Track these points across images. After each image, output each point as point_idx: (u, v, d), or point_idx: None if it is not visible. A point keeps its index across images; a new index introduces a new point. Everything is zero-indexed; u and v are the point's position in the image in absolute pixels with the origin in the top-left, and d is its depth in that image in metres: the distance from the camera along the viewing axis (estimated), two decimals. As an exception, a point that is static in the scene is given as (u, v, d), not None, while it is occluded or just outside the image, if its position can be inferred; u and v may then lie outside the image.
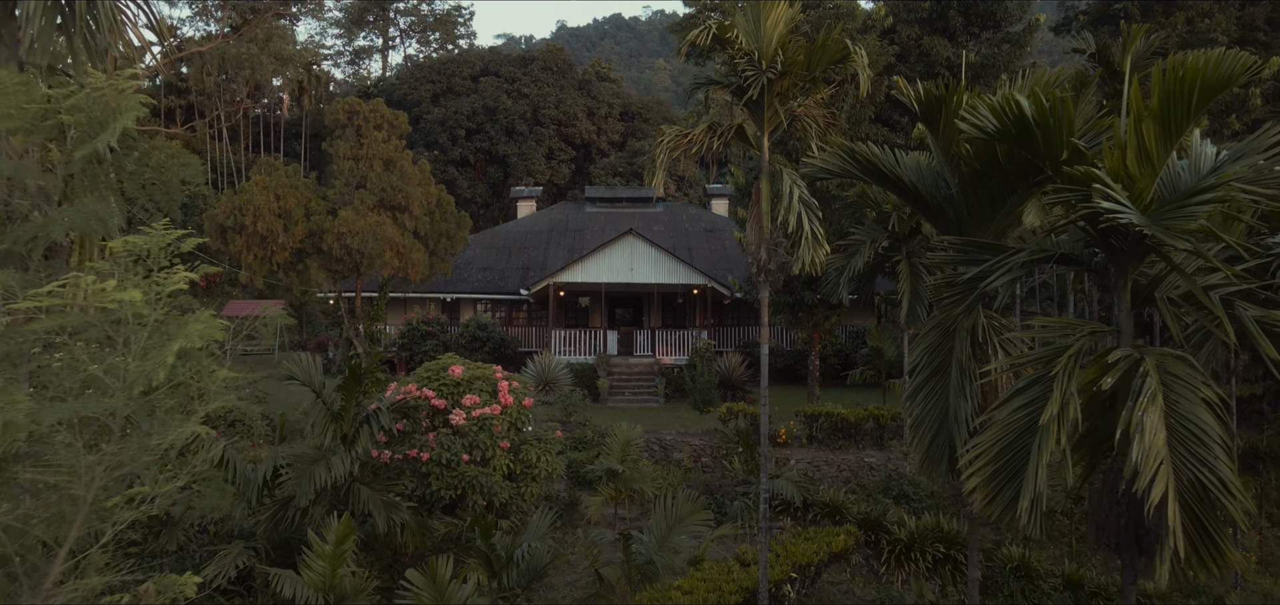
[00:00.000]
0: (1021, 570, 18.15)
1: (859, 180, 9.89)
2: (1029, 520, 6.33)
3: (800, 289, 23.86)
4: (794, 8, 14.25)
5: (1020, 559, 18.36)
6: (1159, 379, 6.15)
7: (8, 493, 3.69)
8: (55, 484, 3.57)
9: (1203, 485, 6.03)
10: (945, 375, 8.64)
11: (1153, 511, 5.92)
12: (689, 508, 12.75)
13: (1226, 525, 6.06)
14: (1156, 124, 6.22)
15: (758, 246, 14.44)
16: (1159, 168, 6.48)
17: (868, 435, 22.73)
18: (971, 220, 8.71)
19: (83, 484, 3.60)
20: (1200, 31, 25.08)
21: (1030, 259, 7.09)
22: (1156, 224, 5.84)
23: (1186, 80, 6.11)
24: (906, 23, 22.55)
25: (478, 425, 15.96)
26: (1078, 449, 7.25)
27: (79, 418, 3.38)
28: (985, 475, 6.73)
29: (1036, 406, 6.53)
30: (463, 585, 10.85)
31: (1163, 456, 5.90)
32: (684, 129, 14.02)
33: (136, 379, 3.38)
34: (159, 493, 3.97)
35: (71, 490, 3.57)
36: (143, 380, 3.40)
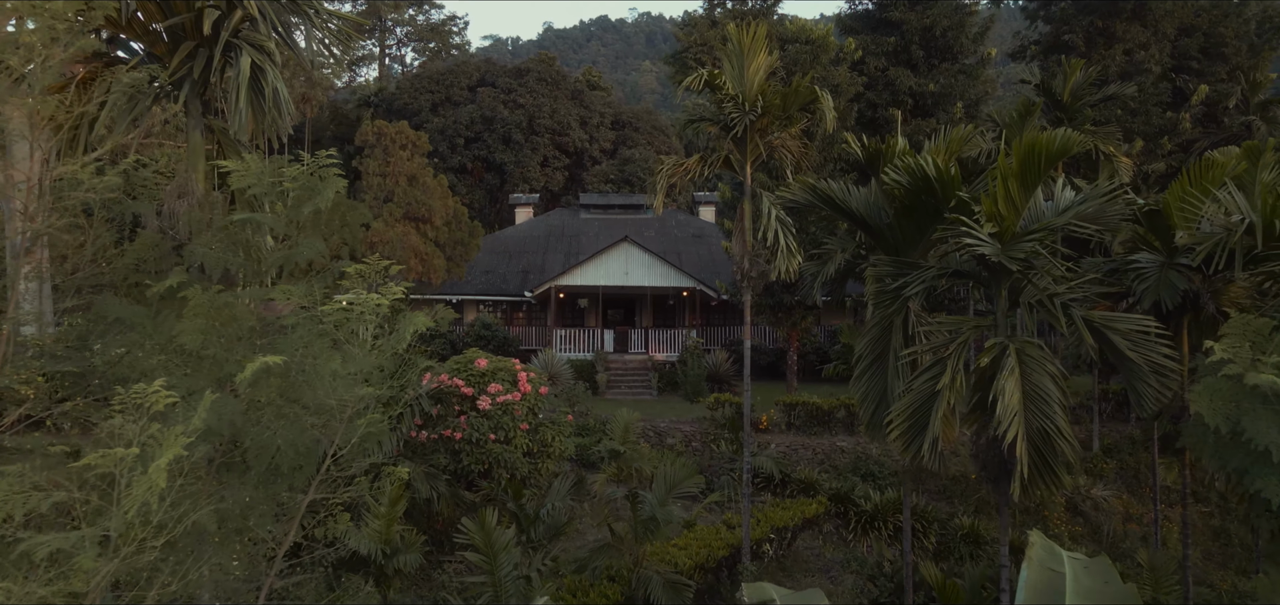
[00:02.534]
0: (970, 536, 21.09)
1: (820, 209, 12.59)
2: (930, 457, 9.07)
3: (780, 292, 26.62)
4: (772, 57, 17.06)
5: (970, 527, 21.31)
6: (1017, 359, 8.91)
7: (294, 412, 6.32)
8: (333, 409, 6.21)
9: (1044, 432, 8.79)
10: (884, 361, 11.40)
11: (1009, 449, 8.68)
12: (684, 473, 15.42)
13: (1060, 459, 8.83)
14: (1017, 180, 8.98)
15: (742, 256, 17.28)
16: (1022, 210, 9.25)
17: (840, 422, 25.50)
18: (904, 242, 11.46)
19: (346, 413, 6.25)
20: (1137, 62, 28.03)
21: (937, 274, 9.84)
22: (1002, 252, 8.60)
23: (1036, 150, 8.87)
24: (874, 55, 25.37)
25: (501, 410, 18.61)
26: (971, 413, 10.02)
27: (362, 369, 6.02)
28: (902, 429, 9.48)
29: (937, 378, 9.28)
30: (505, 531, 13.50)
31: (1017, 411, 8.66)
32: (680, 160, 16.77)
33: (392, 345, 6.01)
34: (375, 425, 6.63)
35: (343, 414, 6.22)
36: (393, 345, 6.03)
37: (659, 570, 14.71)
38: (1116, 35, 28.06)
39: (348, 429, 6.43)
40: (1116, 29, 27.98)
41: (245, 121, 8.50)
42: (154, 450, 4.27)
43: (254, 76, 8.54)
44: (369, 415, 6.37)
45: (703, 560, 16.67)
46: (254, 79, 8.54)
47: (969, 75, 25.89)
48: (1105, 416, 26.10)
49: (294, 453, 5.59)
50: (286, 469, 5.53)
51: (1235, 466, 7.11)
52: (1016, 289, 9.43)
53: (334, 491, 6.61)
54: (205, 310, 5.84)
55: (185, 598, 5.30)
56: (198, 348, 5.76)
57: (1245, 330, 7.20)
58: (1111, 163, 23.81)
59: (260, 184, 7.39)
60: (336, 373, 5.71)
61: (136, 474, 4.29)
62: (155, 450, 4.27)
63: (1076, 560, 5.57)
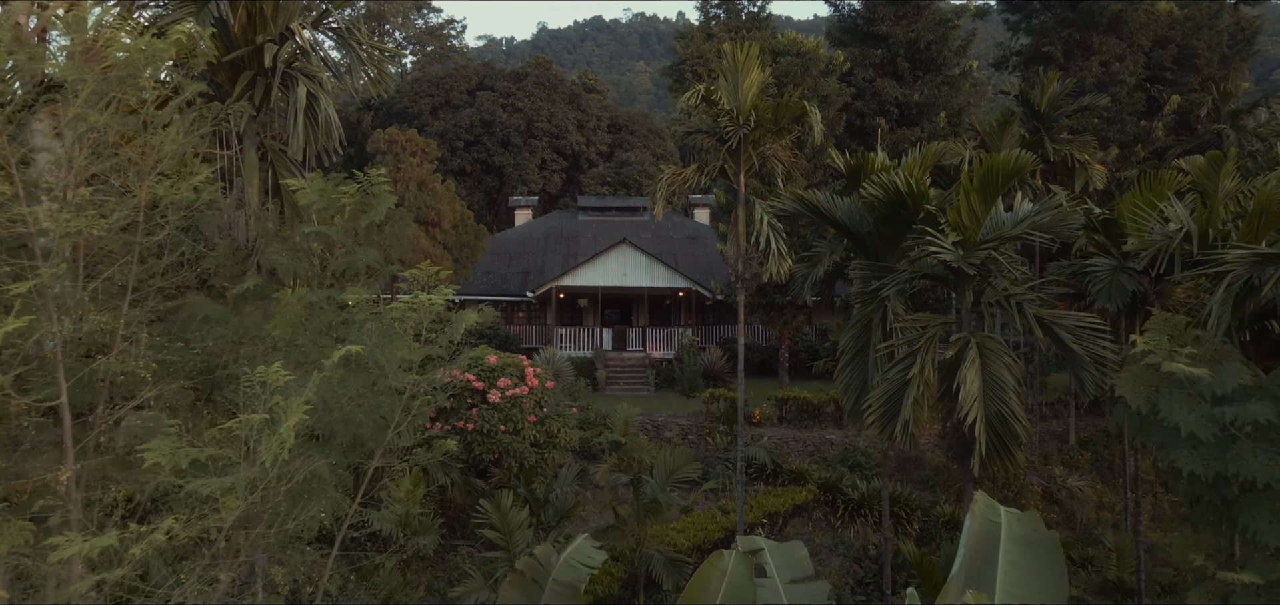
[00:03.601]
0: (951, 523, 22.38)
1: (808, 216, 13.82)
2: (902, 439, 10.33)
3: (772, 293, 27.89)
4: (765, 73, 18.31)
5: (950, 514, 22.58)
6: (978, 351, 10.17)
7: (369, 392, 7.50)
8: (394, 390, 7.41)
9: (1001, 415, 10.06)
10: (865, 355, 12.65)
11: (970, 430, 9.94)
12: (683, 460, 16.63)
13: (1015, 439, 10.08)
14: (978, 195, 10.24)
15: (736, 259, 18.52)
16: (983, 220, 10.51)
17: (829, 417, 26.78)
18: (882, 248, 12.71)
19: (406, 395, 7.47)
20: (1113, 73, 29.38)
21: (909, 276, 11.10)
22: (962, 258, 9.86)
23: (994, 169, 10.13)
24: (862, 67, 26.64)
25: (511, 403, 19.82)
26: (940, 401, 11.28)
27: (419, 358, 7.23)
28: (879, 412, 10.73)
29: (908, 369, 10.53)
30: (519, 513, 14.70)
31: (977, 397, 9.92)
32: (678, 169, 17.99)
33: (449, 335, 7.23)
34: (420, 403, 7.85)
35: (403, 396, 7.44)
36: (450, 334, 7.25)
37: (659, 550, 15.93)
38: (1093, 47, 29.40)
39: (406, 409, 7.66)
40: (1093, 41, 29.31)
41: (302, 143, 9.70)
42: (279, 417, 5.48)
43: (309, 104, 9.73)
44: (422, 396, 7.60)
45: (700, 542, 17.92)
46: (309, 106, 9.74)
47: (952, 86, 27.20)
48: (1082, 412, 27.40)
49: (370, 426, 6.81)
50: (365, 437, 6.74)
51: (1155, 441, 8.36)
52: (979, 290, 10.69)
53: (394, 461, 7.84)
54: (293, 308, 7.05)
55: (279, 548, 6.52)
56: (288, 339, 6.97)
57: (1165, 326, 8.46)
58: (1087, 170, 25.16)
59: (321, 199, 8.60)
60: (404, 360, 6.92)
61: (265, 435, 5.51)
62: (280, 417, 5.48)
63: (1011, 513, 6.77)
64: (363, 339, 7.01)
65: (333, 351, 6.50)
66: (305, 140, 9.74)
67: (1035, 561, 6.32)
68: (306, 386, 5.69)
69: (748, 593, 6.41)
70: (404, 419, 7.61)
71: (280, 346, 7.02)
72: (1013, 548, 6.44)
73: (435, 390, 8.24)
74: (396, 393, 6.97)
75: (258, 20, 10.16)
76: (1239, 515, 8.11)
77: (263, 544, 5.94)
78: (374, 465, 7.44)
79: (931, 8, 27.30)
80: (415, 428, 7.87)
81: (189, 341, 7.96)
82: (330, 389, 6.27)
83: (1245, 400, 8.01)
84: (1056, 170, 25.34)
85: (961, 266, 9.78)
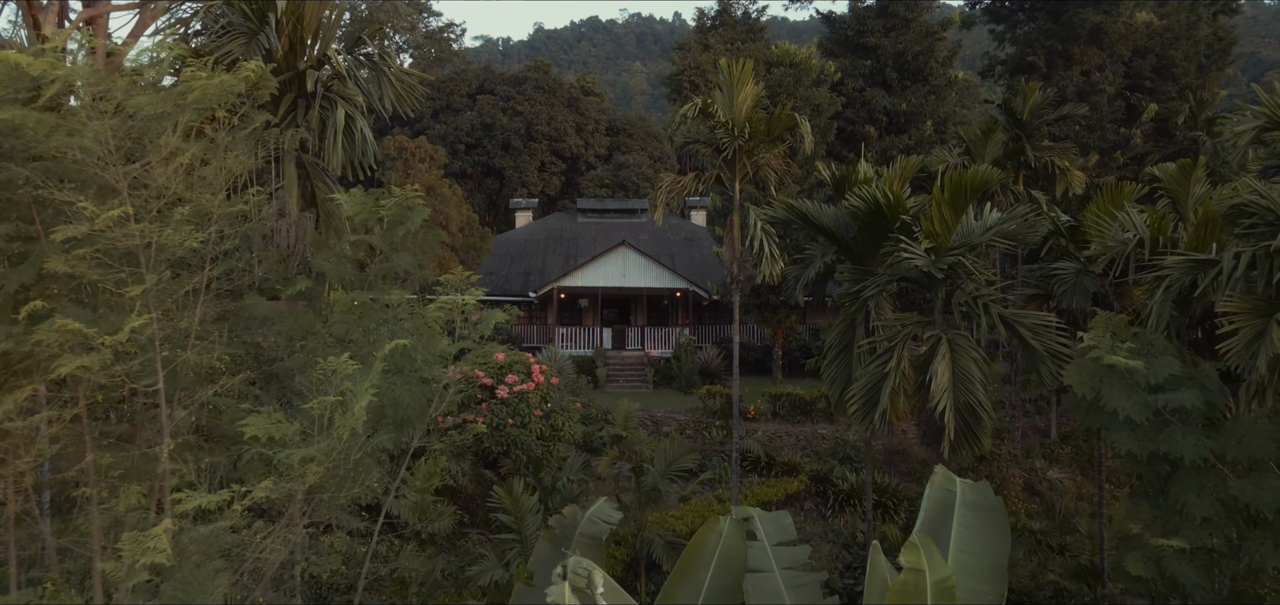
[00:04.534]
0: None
1: (799, 223, 14.96)
2: (880, 424, 11.46)
3: (766, 293, 29.04)
4: (758, 87, 19.44)
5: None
6: (948, 347, 11.31)
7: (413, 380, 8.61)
8: (432, 379, 8.53)
9: (969, 405, 11.20)
10: (849, 350, 13.79)
11: (940, 417, 11.07)
12: (681, 450, 17.75)
13: (981, 426, 11.22)
14: (948, 206, 11.37)
15: (731, 262, 19.66)
16: (953, 229, 11.64)
17: (821, 412, 27.92)
18: (865, 253, 13.84)
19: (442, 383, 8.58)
20: (1093, 82, 30.57)
21: (887, 279, 12.23)
22: (932, 263, 11.00)
23: (963, 184, 11.26)
24: (852, 77, 27.80)
25: (518, 398, 20.92)
26: (917, 392, 12.41)
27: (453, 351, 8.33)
28: (859, 402, 11.87)
29: (886, 363, 11.66)
30: (530, 498, 15.80)
31: (947, 388, 11.06)
32: (677, 177, 19.12)
33: (480, 328, 8.34)
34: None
35: (440, 384, 8.55)
36: (479, 330, 8.36)
37: (660, 534, 17.05)
38: (1074, 57, 30.58)
39: (442, 395, 8.78)
40: (1074, 52, 30.49)
41: (341, 159, 10.79)
42: (350, 399, 6.59)
43: (347, 124, 10.82)
44: (455, 385, 8.72)
45: (697, 527, 19.01)
46: (347, 126, 10.83)
47: (938, 95, 28.37)
48: (1064, 408, 28.55)
49: (415, 408, 7.92)
50: (412, 419, 7.86)
51: (1099, 425, 9.49)
52: (949, 291, 11.83)
53: (434, 440, 8.96)
54: (347, 307, 8.16)
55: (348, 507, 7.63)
56: (344, 333, 8.08)
57: (1108, 324, 9.59)
58: (1067, 175, 26.32)
59: (363, 211, 9.72)
60: (443, 352, 8.04)
61: (338, 413, 6.62)
62: (351, 399, 6.59)
63: (965, 482, 7.88)
64: (406, 334, 8.13)
65: (382, 345, 7.62)
66: (343, 156, 10.84)
67: (983, 522, 7.45)
68: (368, 375, 6.80)
69: (740, 551, 7.54)
70: (440, 404, 8.74)
71: (336, 340, 8.12)
72: (965, 511, 7.57)
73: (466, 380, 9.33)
74: (432, 383, 8.08)
75: (299, 47, 11.26)
76: (1171, 489, 9.25)
77: (332, 505, 7.05)
78: (413, 444, 8.56)
79: (919, 21, 28.48)
80: (449, 412, 8.99)
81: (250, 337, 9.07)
82: (380, 377, 7.38)
83: (1176, 388, 9.15)
84: (1038, 176, 26.49)
85: (932, 271, 10.92)
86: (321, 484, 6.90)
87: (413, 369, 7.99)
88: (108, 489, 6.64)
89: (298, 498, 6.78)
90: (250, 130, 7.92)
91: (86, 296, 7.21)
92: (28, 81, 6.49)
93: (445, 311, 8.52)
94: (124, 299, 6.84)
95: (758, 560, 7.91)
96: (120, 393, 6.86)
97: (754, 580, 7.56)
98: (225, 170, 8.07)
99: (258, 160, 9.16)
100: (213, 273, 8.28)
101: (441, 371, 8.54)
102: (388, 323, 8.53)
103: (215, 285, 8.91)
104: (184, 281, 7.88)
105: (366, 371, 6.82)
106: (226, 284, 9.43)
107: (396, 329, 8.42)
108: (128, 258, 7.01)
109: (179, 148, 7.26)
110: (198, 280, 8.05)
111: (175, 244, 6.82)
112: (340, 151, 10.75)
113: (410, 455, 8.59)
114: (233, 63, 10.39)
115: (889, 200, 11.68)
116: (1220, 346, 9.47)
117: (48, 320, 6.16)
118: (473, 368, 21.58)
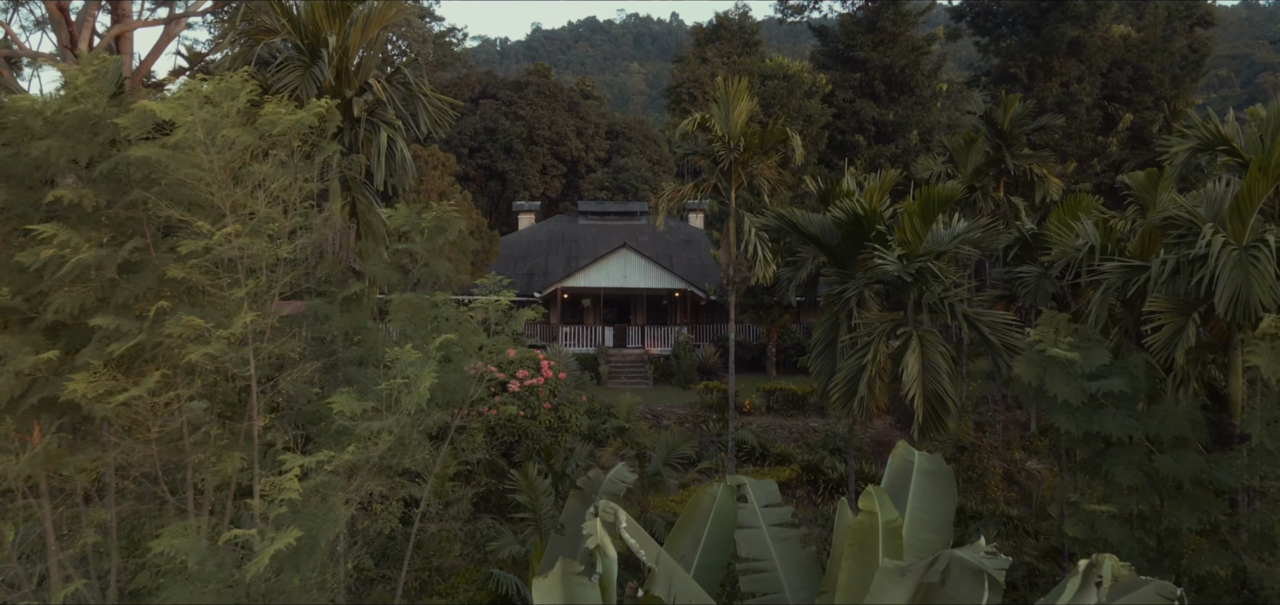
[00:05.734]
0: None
1: (788, 231, 16.47)
2: (859, 410, 12.98)
3: (760, 294, 30.57)
4: (753, 103, 20.96)
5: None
6: (919, 342, 12.83)
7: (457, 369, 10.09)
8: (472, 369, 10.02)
9: (936, 393, 12.71)
10: (833, 345, 15.31)
11: (911, 403, 12.59)
12: (681, 439, 19.25)
13: (947, 411, 12.73)
14: (919, 217, 12.89)
15: (727, 265, 21.19)
16: (924, 237, 13.16)
17: (813, 406, 29.43)
18: (847, 258, 15.36)
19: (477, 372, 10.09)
20: (1072, 93, 32.13)
21: (866, 281, 13.75)
22: (902, 268, 12.51)
23: (932, 198, 12.78)
24: (842, 89, 29.34)
25: (528, 391, 22.41)
26: (893, 383, 13.93)
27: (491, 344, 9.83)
28: (840, 391, 13.39)
29: (864, 355, 13.18)
30: (543, 481, 17.29)
31: (917, 378, 12.57)
32: (677, 186, 20.64)
33: (511, 328, 9.83)
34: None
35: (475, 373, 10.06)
36: (515, 325, 9.85)
37: (660, 515, 18.55)
38: (1054, 70, 32.14)
39: (476, 383, 10.29)
40: (1054, 64, 32.05)
41: (383, 176, 12.29)
42: (415, 381, 8.09)
43: (389, 146, 12.31)
44: (487, 377, 10.23)
45: (695, 511, 20.53)
46: (389, 147, 12.31)
47: (923, 106, 29.93)
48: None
49: (459, 391, 9.43)
50: (457, 400, 9.35)
51: (1042, 410, 11.00)
52: (919, 293, 13.35)
53: (470, 419, 10.48)
54: (403, 306, 9.66)
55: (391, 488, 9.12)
56: (400, 329, 9.58)
57: (1052, 321, 11.11)
58: (1044, 182, 27.87)
59: (407, 223, 11.23)
60: (482, 345, 9.55)
61: (405, 393, 8.11)
62: (416, 381, 8.09)
63: (922, 453, 9.38)
64: (450, 330, 9.64)
65: (431, 340, 9.12)
66: (386, 174, 12.33)
67: (935, 486, 8.97)
68: (427, 364, 8.31)
69: (731, 510, 9.06)
70: (477, 388, 10.26)
71: (393, 334, 9.63)
72: (921, 477, 9.09)
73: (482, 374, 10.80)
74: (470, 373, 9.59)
75: (344, 76, 12.76)
76: (1104, 463, 10.79)
77: (396, 468, 8.55)
78: (454, 424, 10.07)
79: (905, 35, 30.02)
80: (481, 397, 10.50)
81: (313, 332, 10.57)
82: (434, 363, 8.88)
83: (1107, 376, 10.68)
84: (1018, 183, 28.04)
85: (902, 275, 12.43)
86: (388, 452, 8.41)
87: (458, 359, 9.49)
88: (216, 454, 8.14)
89: (372, 462, 8.29)
90: (322, 158, 9.40)
91: (196, 299, 8.69)
92: (153, 120, 7.97)
93: (482, 310, 10.02)
94: (227, 300, 8.33)
95: (747, 518, 9.40)
96: (224, 377, 8.34)
97: (743, 534, 9.04)
98: (301, 192, 9.56)
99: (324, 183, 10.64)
100: (287, 277, 9.78)
101: (478, 362, 10.05)
102: (434, 320, 10.03)
103: (288, 288, 10.40)
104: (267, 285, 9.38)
105: (425, 360, 8.32)
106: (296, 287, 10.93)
107: (442, 325, 9.93)
108: (227, 266, 8.49)
109: (269, 174, 8.75)
110: (277, 284, 9.55)
111: (267, 254, 8.30)
112: (383, 170, 12.24)
113: (452, 431, 10.08)
114: (292, 92, 11.90)
115: (866, 211, 13.20)
116: (1146, 340, 11.00)
117: (174, 317, 7.64)
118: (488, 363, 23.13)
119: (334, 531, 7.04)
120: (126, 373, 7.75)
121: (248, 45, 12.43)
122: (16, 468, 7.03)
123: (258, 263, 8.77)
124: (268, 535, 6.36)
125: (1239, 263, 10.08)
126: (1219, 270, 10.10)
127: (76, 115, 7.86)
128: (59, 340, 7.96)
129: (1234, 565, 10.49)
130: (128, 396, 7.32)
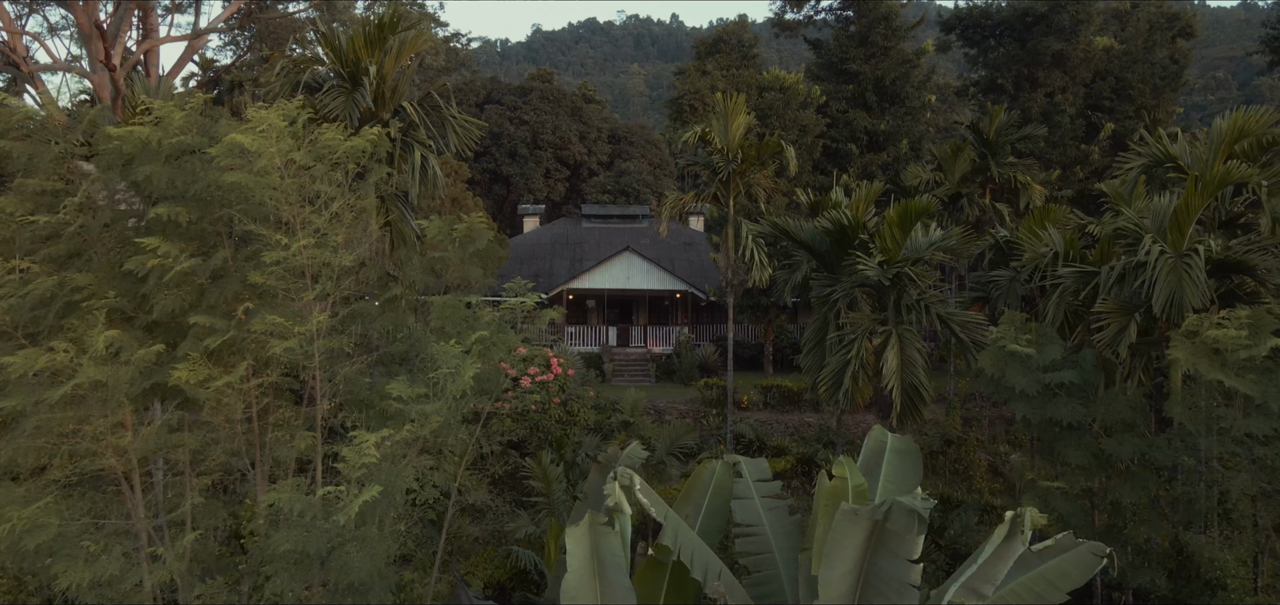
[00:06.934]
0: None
1: (781, 238, 17.92)
2: (845, 401, 14.42)
3: (758, 296, 32.03)
4: (750, 116, 22.40)
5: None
6: (898, 339, 14.28)
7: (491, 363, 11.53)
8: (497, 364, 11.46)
9: (913, 385, 14.16)
10: (823, 342, 16.75)
11: (890, 394, 14.03)
12: (682, 431, 20.70)
13: (923, 401, 14.17)
14: (898, 227, 14.33)
15: (726, 269, 22.63)
16: (903, 245, 14.60)
17: (808, 402, 30.86)
18: (835, 263, 16.79)
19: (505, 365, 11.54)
20: (1057, 103, 33.59)
21: (851, 285, 15.20)
22: (882, 273, 13.95)
23: (909, 209, 14.21)
24: (836, 100, 30.80)
25: (539, 387, 23.85)
26: (874, 376, 15.37)
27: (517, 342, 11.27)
28: (826, 383, 14.84)
29: (849, 351, 14.62)
30: (556, 468, 18.74)
31: (895, 370, 14.02)
32: (680, 195, 22.08)
33: (540, 323, 11.26)
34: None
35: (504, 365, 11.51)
36: (540, 324, 11.29)
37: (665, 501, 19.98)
38: (1040, 81, 33.60)
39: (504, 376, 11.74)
40: (1039, 76, 33.50)
41: (417, 192, 13.73)
42: (459, 371, 9.53)
43: (422, 165, 13.74)
44: (518, 366, 11.68)
45: (696, 499, 21.97)
46: (422, 166, 13.75)
47: (914, 116, 31.40)
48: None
49: (494, 383, 10.88)
50: (492, 391, 10.80)
51: (1003, 399, 12.44)
52: (898, 295, 14.79)
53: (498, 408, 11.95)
54: (443, 307, 11.11)
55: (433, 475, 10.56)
56: (440, 326, 11.03)
57: (1012, 320, 12.56)
58: (1028, 190, 29.32)
59: (440, 233, 12.69)
60: (510, 342, 11.01)
61: (450, 382, 9.56)
62: (459, 371, 9.53)
63: (894, 435, 10.82)
64: (484, 328, 11.09)
65: (468, 336, 10.57)
66: (418, 190, 13.78)
67: (905, 462, 10.42)
68: (469, 358, 9.76)
69: (728, 483, 10.51)
70: (507, 380, 11.72)
71: (434, 331, 11.08)
72: (893, 455, 10.54)
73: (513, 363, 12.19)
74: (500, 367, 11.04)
75: (380, 100, 14.21)
76: (1057, 446, 12.23)
77: (442, 447, 10.00)
78: (486, 410, 11.53)
79: (896, 48, 31.48)
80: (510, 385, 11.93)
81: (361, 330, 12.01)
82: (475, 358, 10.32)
83: (1059, 369, 12.12)
84: (1003, 190, 29.49)
85: (881, 279, 13.88)
86: (435, 431, 9.87)
87: (492, 354, 10.94)
88: (289, 433, 9.59)
89: (422, 439, 9.74)
90: (375, 179, 10.86)
91: (270, 301, 10.13)
92: (240, 150, 9.41)
93: (511, 311, 11.48)
94: (294, 303, 9.76)
95: (742, 490, 10.85)
96: (294, 368, 9.79)
97: (738, 504, 10.48)
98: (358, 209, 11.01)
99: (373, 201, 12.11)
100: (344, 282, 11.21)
101: (506, 356, 11.49)
102: (469, 319, 11.48)
103: (343, 290, 11.80)
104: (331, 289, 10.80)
105: (465, 354, 9.77)
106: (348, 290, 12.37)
107: (476, 324, 11.39)
108: (297, 273, 9.93)
109: (330, 193, 10.19)
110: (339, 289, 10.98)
111: (333, 263, 9.74)
112: (416, 185, 13.67)
113: (484, 418, 11.53)
114: (335, 118, 13.34)
115: (850, 221, 14.65)
116: (1093, 337, 12.45)
117: (258, 316, 9.09)
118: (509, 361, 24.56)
119: (405, 485, 8.47)
120: (217, 364, 9.19)
121: (295, 72, 13.87)
122: (138, 444, 8.47)
123: (322, 270, 10.20)
124: (351, 492, 7.81)
125: (1173, 269, 11.52)
126: (1156, 276, 11.54)
127: (176, 146, 9.31)
128: (156, 337, 9.41)
129: (1171, 535, 11.94)
130: (222, 383, 8.76)
